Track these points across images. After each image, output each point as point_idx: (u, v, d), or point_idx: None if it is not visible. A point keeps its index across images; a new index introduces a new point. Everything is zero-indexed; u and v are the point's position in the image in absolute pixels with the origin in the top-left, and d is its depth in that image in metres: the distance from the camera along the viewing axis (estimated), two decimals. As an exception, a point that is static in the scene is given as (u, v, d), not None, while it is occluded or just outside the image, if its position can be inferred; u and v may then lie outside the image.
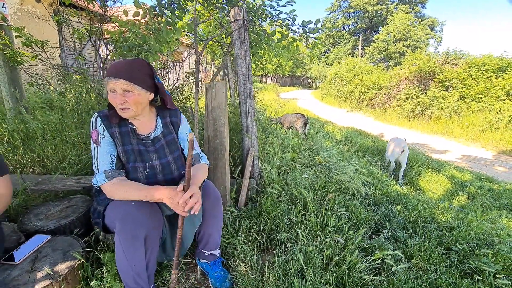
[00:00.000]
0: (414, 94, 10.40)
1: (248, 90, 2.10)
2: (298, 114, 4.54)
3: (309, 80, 43.39)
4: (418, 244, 1.73)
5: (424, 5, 38.58)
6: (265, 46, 2.96)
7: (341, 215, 1.92)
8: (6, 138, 2.15)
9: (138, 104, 1.12)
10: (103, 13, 2.67)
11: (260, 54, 3.02)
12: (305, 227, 1.75)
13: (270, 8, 2.56)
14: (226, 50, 3.30)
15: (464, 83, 9.25)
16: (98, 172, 1.12)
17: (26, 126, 2.22)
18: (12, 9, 4.98)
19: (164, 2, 2.33)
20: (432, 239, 1.82)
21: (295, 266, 1.40)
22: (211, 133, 2.00)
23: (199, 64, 2.24)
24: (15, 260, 1.14)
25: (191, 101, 3.33)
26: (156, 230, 1.10)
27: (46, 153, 2.07)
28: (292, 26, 2.55)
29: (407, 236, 1.88)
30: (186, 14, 2.47)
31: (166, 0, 2.35)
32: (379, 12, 39.46)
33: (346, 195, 2.30)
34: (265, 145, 2.55)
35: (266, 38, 2.81)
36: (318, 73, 39.53)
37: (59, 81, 3.04)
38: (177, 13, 2.34)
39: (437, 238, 1.86)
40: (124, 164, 1.17)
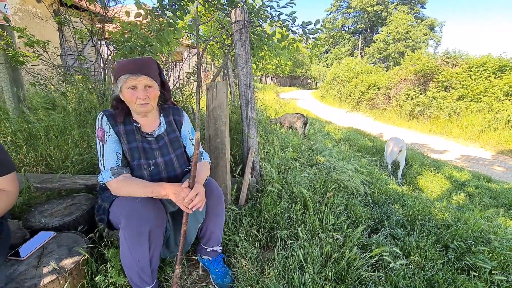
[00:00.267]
0: (414, 95, 10.43)
1: (248, 90, 2.12)
2: (298, 114, 4.56)
3: (308, 80, 43.40)
4: (416, 241, 1.76)
5: (423, 5, 38.69)
6: (265, 47, 2.99)
7: (340, 213, 1.95)
8: (9, 138, 2.18)
9: (156, 98, 1.21)
10: (104, 13, 2.70)
11: (260, 55, 3.05)
12: (304, 225, 1.77)
13: (271, 8, 2.59)
14: (227, 51, 3.33)
15: (463, 84, 9.28)
16: (104, 169, 1.14)
17: (29, 126, 2.24)
18: (13, 9, 4.99)
19: (165, 3, 2.36)
20: (429, 237, 1.84)
21: (295, 262, 1.43)
22: (212, 132, 2.02)
23: (200, 64, 2.27)
24: (21, 256, 1.16)
25: (192, 101, 3.35)
26: (160, 226, 1.13)
27: (49, 152, 2.09)
28: (292, 26, 2.58)
29: (405, 233, 1.91)
30: (187, 14, 2.50)
31: (167, 1, 2.37)
32: (379, 12, 39.54)
33: (346, 194, 2.33)
34: (265, 144, 2.57)
35: (266, 39, 2.83)
36: (318, 73, 39.56)
37: (60, 81, 3.06)
38: (178, 13, 2.37)
39: (434, 235, 1.88)
40: (129, 161, 1.20)
